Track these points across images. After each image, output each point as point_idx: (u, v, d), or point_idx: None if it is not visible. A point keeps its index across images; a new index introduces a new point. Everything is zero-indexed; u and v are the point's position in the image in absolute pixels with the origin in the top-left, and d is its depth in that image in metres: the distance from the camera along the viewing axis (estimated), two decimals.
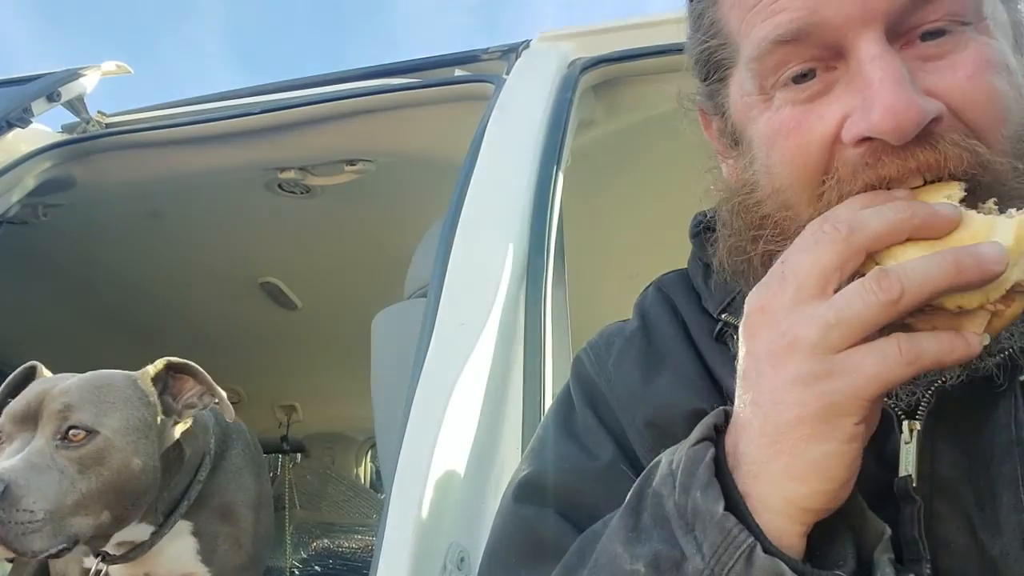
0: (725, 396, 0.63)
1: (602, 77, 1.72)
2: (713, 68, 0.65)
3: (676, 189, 0.75)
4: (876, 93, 0.52)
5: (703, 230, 0.73)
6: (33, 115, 2.00)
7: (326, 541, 3.12)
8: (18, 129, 1.98)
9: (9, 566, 2.14)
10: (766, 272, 0.60)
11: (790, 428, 0.46)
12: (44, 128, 2.14)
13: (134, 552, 1.47)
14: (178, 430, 1.45)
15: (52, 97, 2.02)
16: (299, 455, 3.43)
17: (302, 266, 2.53)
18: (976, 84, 0.54)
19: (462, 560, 0.89)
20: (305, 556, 3.06)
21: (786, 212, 0.58)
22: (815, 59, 0.56)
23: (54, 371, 1.45)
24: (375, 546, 0.89)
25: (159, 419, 1.39)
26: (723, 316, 0.67)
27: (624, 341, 0.72)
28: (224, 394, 1.46)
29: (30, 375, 1.43)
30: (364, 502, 3.27)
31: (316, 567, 3.03)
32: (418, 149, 1.89)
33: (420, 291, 1.44)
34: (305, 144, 1.93)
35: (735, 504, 0.48)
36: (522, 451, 1.00)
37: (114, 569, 1.50)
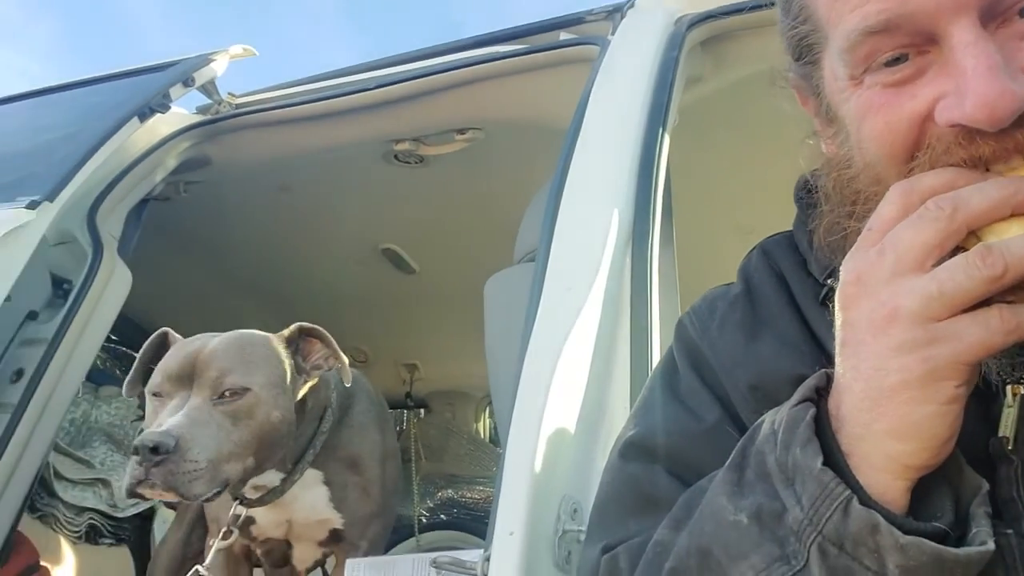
0: (829, 360, 0.64)
1: (710, 32, 1.68)
2: (805, 51, 0.65)
3: (787, 142, 0.75)
4: (969, 82, 0.52)
5: (807, 193, 0.73)
6: (171, 100, 2.13)
7: (450, 491, 3.25)
8: (159, 114, 2.13)
9: (173, 513, 2.37)
10: None
11: (893, 392, 0.48)
12: (181, 111, 2.26)
13: (268, 496, 1.59)
14: (306, 387, 1.56)
15: (187, 82, 2.15)
16: (422, 411, 3.55)
17: (419, 232, 2.60)
18: None
19: (575, 511, 0.94)
20: (432, 505, 3.21)
21: (876, 187, 0.59)
22: (907, 45, 0.56)
23: (198, 328, 1.60)
24: (494, 497, 0.95)
25: (291, 377, 1.51)
26: (829, 280, 0.67)
27: (727, 305, 0.73)
28: (346, 360, 1.57)
29: (163, 342, 1.56)
30: (484, 455, 3.37)
31: (442, 516, 3.18)
32: (525, 115, 1.91)
33: (529, 255, 1.48)
34: (418, 115, 1.98)
35: (834, 461, 0.50)
36: (630, 410, 1.03)
37: (260, 514, 1.64)
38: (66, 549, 2.29)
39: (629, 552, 0.62)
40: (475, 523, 3.04)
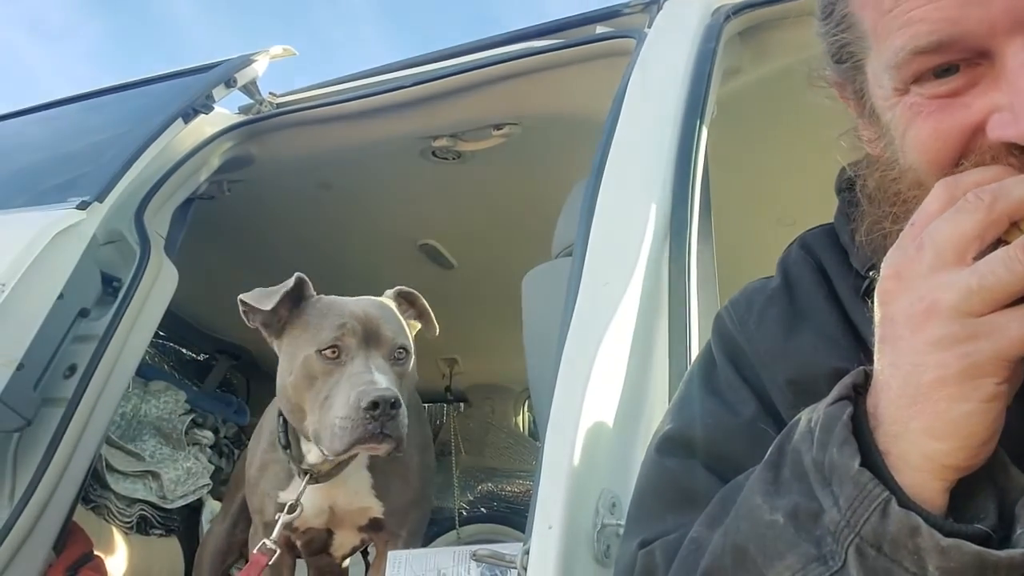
0: (868, 355, 0.64)
1: (748, 23, 1.66)
2: (847, 56, 0.64)
3: (827, 133, 0.74)
4: (1022, 95, 0.51)
5: (849, 185, 0.72)
6: (215, 101, 2.19)
7: (490, 485, 3.27)
8: (203, 114, 2.17)
9: (219, 505, 2.43)
10: None
11: (931, 389, 0.47)
12: (224, 111, 2.32)
13: (335, 470, 1.63)
14: None
15: (229, 83, 2.19)
16: (462, 405, 3.58)
17: (457, 228, 2.61)
18: None
19: (614, 505, 0.93)
20: (472, 498, 3.23)
21: (917, 191, 0.58)
22: (958, 60, 0.55)
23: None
24: (532, 491, 0.96)
25: None
26: (871, 273, 0.66)
27: (765, 299, 0.73)
28: (431, 313, 1.69)
29: (301, 286, 1.57)
30: (523, 449, 3.39)
31: (482, 509, 3.20)
32: (562, 110, 1.90)
33: (566, 250, 1.48)
34: (455, 112, 1.99)
35: (872, 461, 0.49)
36: (668, 404, 1.03)
37: (306, 499, 1.64)
38: (118, 539, 2.36)
39: (665, 548, 0.62)
40: (515, 516, 3.06)
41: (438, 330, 1.69)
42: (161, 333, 2.91)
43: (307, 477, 1.59)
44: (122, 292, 1.93)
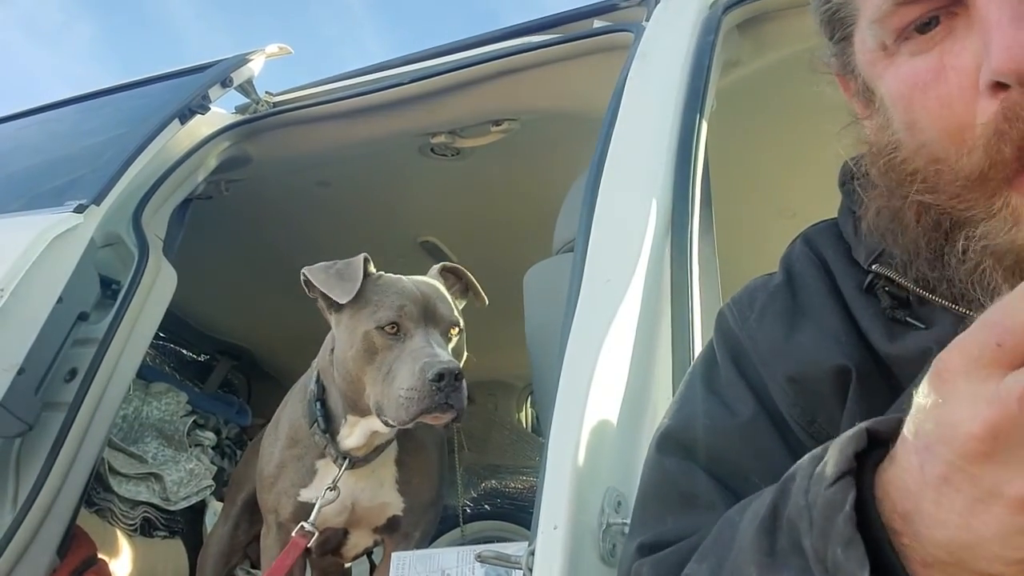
0: (869, 351, 0.63)
1: (747, 14, 1.65)
2: (837, 26, 0.65)
3: (828, 124, 0.73)
4: (994, 35, 0.51)
5: (851, 179, 0.71)
6: (211, 101, 2.17)
7: (494, 482, 3.26)
8: (199, 115, 2.16)
9: (220, 505, 2.42)
10: (918, 225, 0.59)
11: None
12: (220, 111, 2.30)
13: (372, 454, 1.66)
14: None
15: (225, 83, 2.18)
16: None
17: (457, 225, 2.61)
18: None
19: (619, 504, 0.93)
20: (476, 496, 3.23)
21: (936, 166, 0.57)
22: (936, 8, 0.55)
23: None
24: (537, 490, 0.95)
25: None
26: (873, 267, 0.66)
27: (767, 295, 0.72)
28: (477, 285, 1.75)
29: (366, 264, 1.61)
30: (527, 445, 3.38)
31: (486, 506, 3.19)
32: (561, 105, 1.90)
33: (567, 246, 1.47)
34: (453, 108, 1.98)
35: (884, 558, 0.43)
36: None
37: (327, 509, 1.64)
38: (122, 542, 2.36)
39: (655, 567, 0.61)
40: (519, 513, 3.05)
41: (487, 301, 1.74)
42: (161, 335, 2.91)
43: (345, 462, 1.62)
44: (121, 295, 1.93)
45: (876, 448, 0.46)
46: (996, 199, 0.55)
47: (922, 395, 0.42)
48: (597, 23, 1.90)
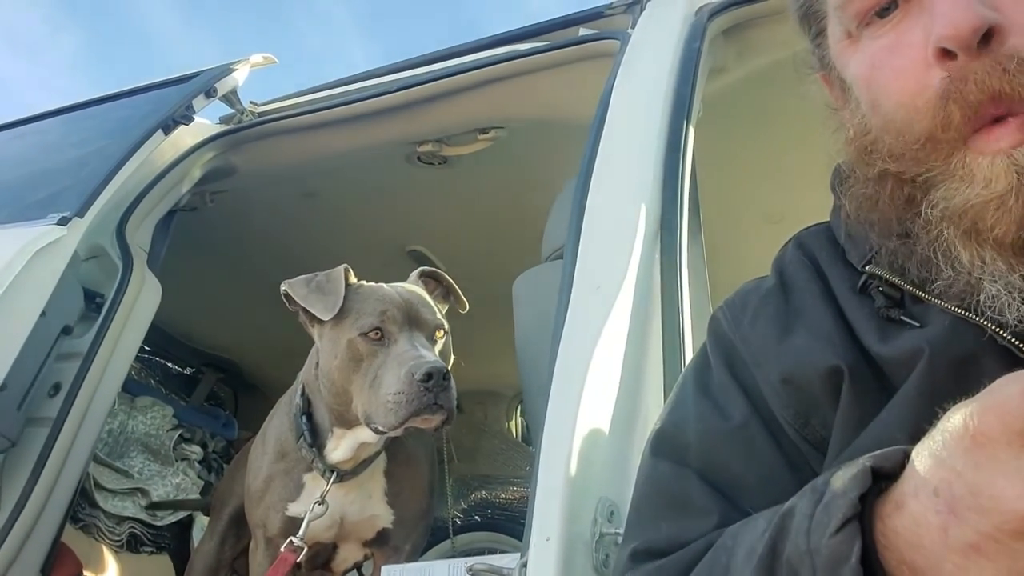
0: (862, 352, 0.63)
1: (732, 21, 1.65)
2: (812, 20, 0.69)
3: (813, 129, 0.74)
4: (937, 6, 0.55)
5: (842, 181, 0.72)
6: (195, 111, 2.15)
7: (484, 492, 3.24)
8: (183, 125, 2.15)
9: (206, 520, 2.39)
10: (891, 204, 0.61)
11: None
12: (205, 121, 2.29)
13: (360, 467, 1.64)
14: None
15: (209, 93, 2.16)
16: None
17: (445, 234, 2.60)
18: None
19: (612, 513, 0.92)
20: (466, 507, 3.21)
21: (898, 136, 0.60)
22: None
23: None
24: (528, 501, 0.94)
25: None
26: (867, 268, 0.66)
27: (760, 299, 0.72)
28: (458, 289, 1.74)
29: (345, 276, 1.61)
30: (517, 455, 3.37)
31: (476, 517, 3.17)
32: (547, 112, 1.90)
33: (556, 253, 1.47)
34: (440, 117, 1.98)
35: None
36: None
37: (316, 524, 1.62)
38: (108, 558, 2.32)
39: None
40: (510, 523, 3.03)
41: (467, 306, 1.74)
42: (146, 348, 2.88)
43: (333, 475, 1.60)
44: (105, 308, 1.91)
45: (877, 480, 0.45)
46: (953, 159, 0.57)
47: (946, 451, 0.40)
48: (583, 31, 1.90)
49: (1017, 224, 0.54)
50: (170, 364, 3.17)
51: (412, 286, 1.66)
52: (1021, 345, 0.55)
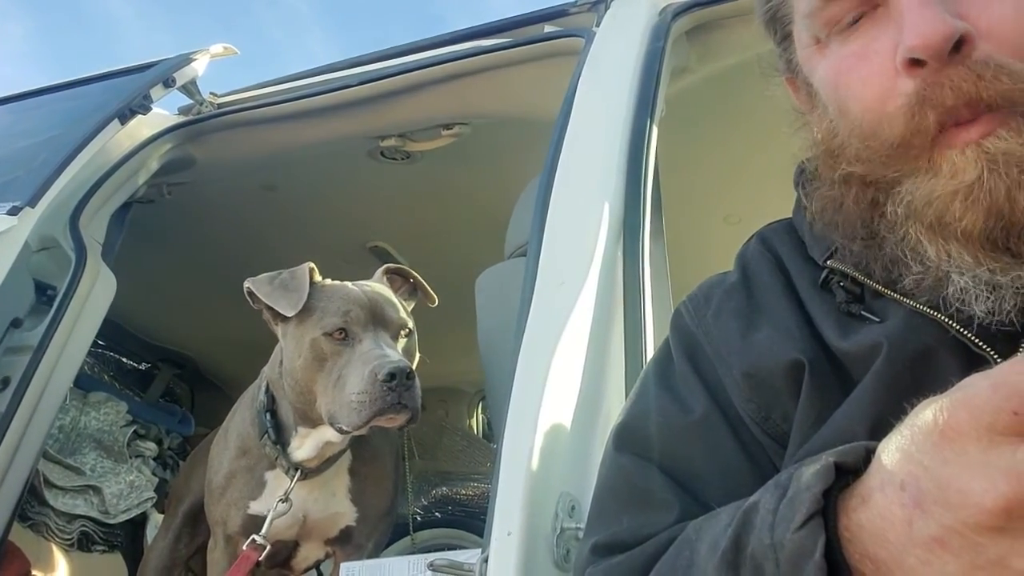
0: (822, 346, 0.64)
1: (695, 22, 1.67)
2: (778, 25, 0.69)
3: (776, 131, 0.75)
4: (906, 17, 0.56)
5: (806, 179, 0.73)
6: (152, 101, 2.11)
7: (444, 489, 3.24)
8: (140, 115, 2.10)
9: (161, 517, 2.35)
10: (856, 207, 0.61)
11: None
12: (163, 112, 2.24)
13: (324, 465, 1.62)
14: None
15: (168, 83, 2.12)
16: None
17: (407, 230, 2.59)
18: (1016, 9, 0.56)
19: (573, 508, 0.92)
20: (426, 503, 3.20)
21: (866, 142, 0.61)
22: (862, 3, 0.61)
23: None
24: (490, 497, 0.94)
25: None
26: (828, 263, 0.67)
27: (723, 293, 0.73)
28: (425, 284, 1.73)
29: (310, 274, 1.58)
30: (478, 452, 3.37)
31: (437, 513, 3.17)
32: (512, 109, 1.90)
33: (520, 250, 1.47)
34: (403, 111, 1.97)
35: None
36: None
37: (278, 522, 1.61)
38: (58, 557, 2.27)
39: None
40: (470, 520, 3.03)
41: (436, 300, 1.73)
42: (100, 342, 2.82)
43: (297, 473, 1.59)
44: (57, 300, 1.86)
45: (840, 475, 0.45)
46: (920, 159, 0.58)
47: (914, 446, 0.40)
48: (548, 28, 1.90)
49: (984, 215, 0.55)
50: (125, 359, 3.11)
51: (377, 284, 1.64)
52: (977, 340, 0.56)
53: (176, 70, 2.14)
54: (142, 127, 2.14)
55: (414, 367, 1.50)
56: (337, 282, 1.61)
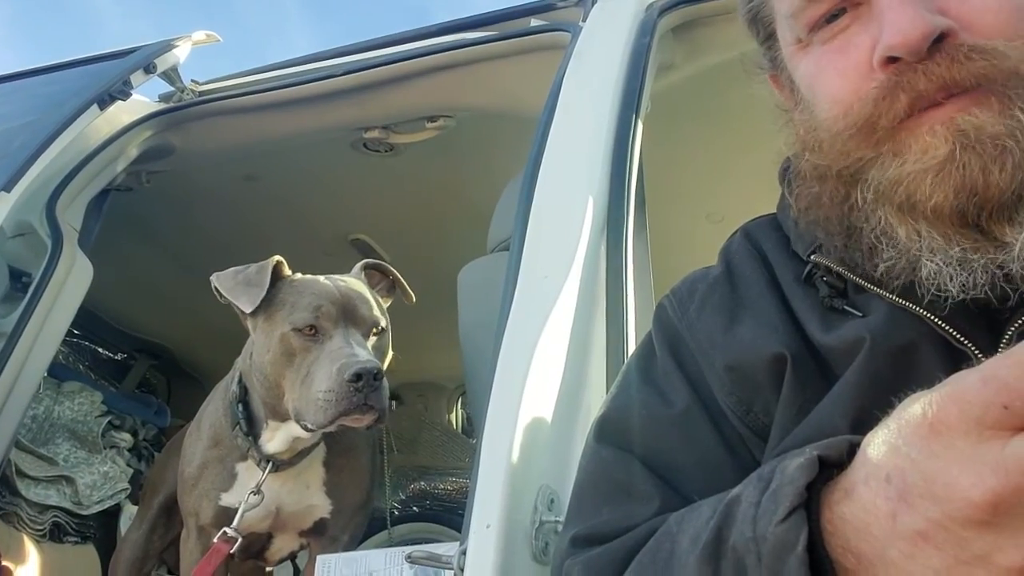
0: (805, 340, 0.64)
1: (681, 18, 1.67)
2: (760, 24, 0.71)
3: (759, 130, 0.75)
4: (886, 15, 0.57)
5: (792, 175, 0.73)
6: (132, 87, 2.07)
7: (423, 483, 3.24)
8: (120, 101, 2.07)
9: (135, 509, 2.32)
10: (832, 203, 0.62)
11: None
12: (143, 99, 2.22)
13: (296, 458, 1.61)
14: None
15: (148, 69, 2.09)
16: (394, 402, 3.52)
17: (389, 222, 2.57)
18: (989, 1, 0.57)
19: (552, 501, 0.92)
20: (404, 497, 3.19)
21: (835, 128, 0.62)
22: (843, 3, 0.62)
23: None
24: (469, 489, 0.93)
25: None
26: (812, 257, 0.67)
27: (707, 287, 0.73)
28: (404, 282, 1.71)
29: (279, 268, 1.57)
30: (457, 446, 3.36)
31: (414, 508, 3.16)
32: (497, 103, 1.89)
33: (502, 244, 1.47)
34: (387, 103, 1.95)
35: None
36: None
37: (251, 514, 1.60)
38: (30, 548, 2.24)
39: (586, 569, 0.60)
40: (448, 514, 3.03)
41: (414, 298, 1.70)
42: (75, 331, 2.78)
43: (269, 465, 1.57)
44: (32, 287, 1.83)
45: (824, 469, 0.45)
46: (882, 146, 0.59)
47: (902, 439, 0.40)
48: (534, 22, 1.90)
49: (955, 191, 0.55)
50: (100, 349, 3.07)
51: (352, 280, 1.62)
52: (958, 335, 0.57)
53: (157, 56, 2.11)
54: (121, 113, 2.11)
55: (386, 366, 1.49)
56: (309, 276, 1.58)
